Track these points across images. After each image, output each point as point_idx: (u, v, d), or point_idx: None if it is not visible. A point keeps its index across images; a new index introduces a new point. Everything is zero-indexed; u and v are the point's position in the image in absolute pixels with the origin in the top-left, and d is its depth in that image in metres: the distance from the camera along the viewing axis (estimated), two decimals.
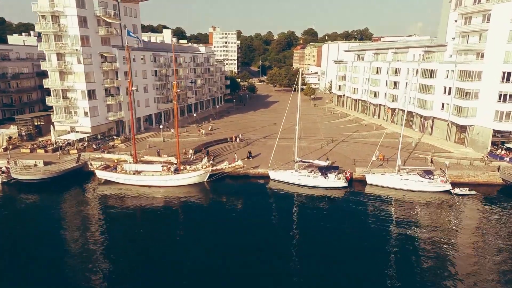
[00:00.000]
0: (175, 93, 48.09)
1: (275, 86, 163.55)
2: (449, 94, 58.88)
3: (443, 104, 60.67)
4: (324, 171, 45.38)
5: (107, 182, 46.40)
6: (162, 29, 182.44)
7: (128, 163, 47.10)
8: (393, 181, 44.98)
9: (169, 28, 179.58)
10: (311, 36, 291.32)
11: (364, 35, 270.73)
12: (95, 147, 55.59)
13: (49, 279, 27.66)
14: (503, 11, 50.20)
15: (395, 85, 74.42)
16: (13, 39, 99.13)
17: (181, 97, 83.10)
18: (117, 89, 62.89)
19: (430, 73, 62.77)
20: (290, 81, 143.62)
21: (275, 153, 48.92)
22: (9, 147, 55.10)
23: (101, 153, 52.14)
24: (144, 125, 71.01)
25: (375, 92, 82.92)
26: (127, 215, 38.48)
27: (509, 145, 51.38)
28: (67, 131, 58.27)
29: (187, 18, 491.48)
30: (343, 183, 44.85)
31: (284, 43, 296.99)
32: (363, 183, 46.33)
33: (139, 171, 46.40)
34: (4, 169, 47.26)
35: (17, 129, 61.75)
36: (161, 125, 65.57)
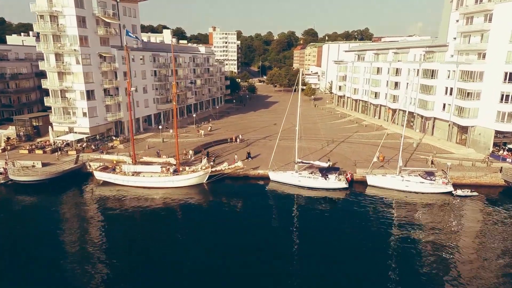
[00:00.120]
0: (174, 94, 47.68)
1: (275, 86, 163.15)
2: (450, 94, 58.48)
3: (444, 104, 60.27)
4: (324, 172, 44.96)
5: (105, 183, 45.98)
6: (162, 29, 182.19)
7: (126, 164, 46.73)
8: (394, 182, 44.56)
9: (169, 28, 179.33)
10: (311, 36, 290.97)
11: (364, 35, 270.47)
12: (94, 148, 55.18)
13: (49, 280, 27.58)
14: (505, 10, 49.77)
15: (396, 86, 74.02)
16: (12, 39, 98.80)
17: (181, 98, 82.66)
18: (116, 90, 62.48)
19: (431, 74, 62.36)
20: (290, 82, 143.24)
21: (275, 154, 48.52)
22: (7, 148, 54.72)
23: (100, 154, 51.77)
24: (143, 125, 70.61)
25: (375, 92, 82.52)
26: (126, 216, 38.16)
27: (511, 146, 50.98)
28: (66, 132, 57.82)
29: (187, 18, 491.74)
30: (343, 184, 44.43)
31: (284, 43, 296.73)
32: (364, 184, 45.91)
33: (138, 172, 46.00)
34: (1, 170, 46.89)
35: (15, 129, 61.36)
36: (160, 126, 65.18)
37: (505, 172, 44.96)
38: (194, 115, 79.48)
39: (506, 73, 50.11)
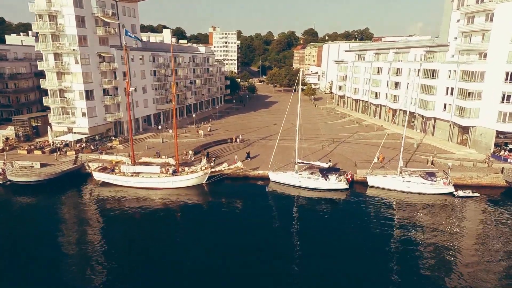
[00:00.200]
0: (173, 94, 47.38)
1: (275, 86, 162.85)
2: (451, 94, 58.20)
3: (445, 104, 59.99)
4: (325, 173, 44.64)
5: (104, 184, 45.69)
6: (162, 29, 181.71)
7: (125, 164, 46.42)
8: (395, 183, 44.25)
9: (169, 28, 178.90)
10: (311, 36, 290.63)
11: (364, 35, 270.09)
12: (93, 148, 54.90)
13: (49, 280, 27.48)
14: (507, 10, 49.47)
15: (397, 86, 73.72)
16: (11, 39, 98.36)
17: (180, 98, 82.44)
18: (116, 90, 62.16)
19: (432, 73, 62.07)
20: (290, 81, 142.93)
21: (275, 154, 48.23)
22: (6, 148, 54.46)
23: (99, 155, 51.47)
24: (142, 126, 70.32)
25: (376, 92, 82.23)
26: (125, 216, 37.89)
27: None
28: (65, 132, 57.53)
29: (187, 18, 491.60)
30: (344, 185, 44.13)
31: (284, 43, 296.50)
32: (364, 185, 45.59)
33: (137, 173, 45.69)
34: (0, 171, 46.57)
35: (14, 130, 61.09)
36: (160, 126, 64.90)
37: (507, 172, 44.67)
38: (193, 115, 79.19)
39: (507, 73, 49.83)
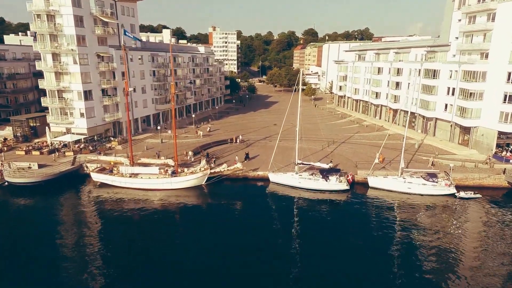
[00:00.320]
0: (172, 94, 46.97)
1: (275, 86, 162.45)
2: (452, 94, 57.79)
3: (446, 105, 59.58)
4: (325, 174, 44.22)
5: (103, 185, 45.26)
6: (162, 29, 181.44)
7: (124, 165, 45.99)
8: (396, 184, 43.82)
9: (169, 28, 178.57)
10: (311, 36, 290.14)
11: (364, 35, 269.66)
12: (92, 149, 54.48)
13: (48, 280, 27.34)
14: (509, 10, 49.04)
15: (397, 86, 73.31)
16: (9, 39, 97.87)
17: (180, 98, 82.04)
18: (114, 90, 61.74)
19: (433, 74, 61.66)
20: (290, 82, 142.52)
21: (275, 155, 47.84)
22: (4, 149, 54.03)
23: (97, 155, 51.03)
24: (142, 126, 69.89)
25: (376, 92, 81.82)
26: (124, 217, 37.56)
27: None
28: (63, 133, 57.15)
29: (187, 18, 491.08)
30: (344, 186, 43.71)
31: (284, 43, 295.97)
32: (365, 186, 45.17)
33: (136, 174, 45.24)
34: None
35: (12, 130, 60.66)
36: (159, 127, 64.49)
37: (509, 173, 44.27)
38: (193, 116, 78.76)
39: (509, 73, 49.41)
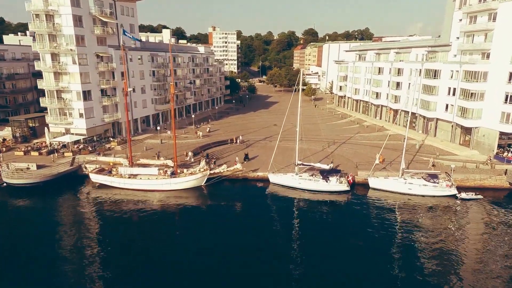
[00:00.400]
0: (172, 94, 46.69)
1: (275, 86, 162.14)
2: (453, 95, 57.48)
3: (447, 105, 59.27)
4: (325, 175, 43.95)
5: (102, 186, 45.00)
6: (161, 29, 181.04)
7: (123, 166, 45.71)
8: (396, 185, 43.54)
9: (168, 28, 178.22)
10: (312, 36, 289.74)
11: (364, 35, 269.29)
12: (91, 149, 54.21)
13: (48, 281, 27.25)
14: (510, 9, 48.76)
15: (398, 86, 73.01)
16: (8, 39, 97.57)
17: (180, 98, 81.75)
18: (114, 90, 61.44)
19: (433, 74, 61.35)
20: (290, 82, 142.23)
21: (275, 156, 47.57)
22: (3, 150, 53.77)
23: (96, 156, 50.73)
24: (141, 126, 69.61)
25: (377, 93, 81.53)
26: (123, 218, 37.37)
27: None
28: (62, 133, 56.87)
29: (187, 18, 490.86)
30: (345, 187, 43.43)
31: (284, 43, 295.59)
32: (365, 187, 44.91)
33: (135, 175, 44.95)
34: None
35: (11, 130, 60.39)
36: (158, 127, 64.18)
37: (510, 174, 43.98)
38: (193, 116, 78.46)
39: (510, 73, 49.09)
